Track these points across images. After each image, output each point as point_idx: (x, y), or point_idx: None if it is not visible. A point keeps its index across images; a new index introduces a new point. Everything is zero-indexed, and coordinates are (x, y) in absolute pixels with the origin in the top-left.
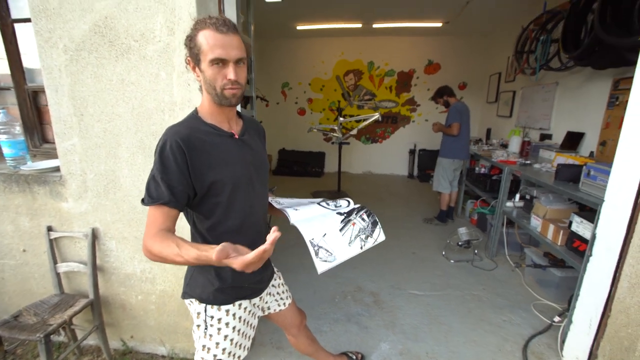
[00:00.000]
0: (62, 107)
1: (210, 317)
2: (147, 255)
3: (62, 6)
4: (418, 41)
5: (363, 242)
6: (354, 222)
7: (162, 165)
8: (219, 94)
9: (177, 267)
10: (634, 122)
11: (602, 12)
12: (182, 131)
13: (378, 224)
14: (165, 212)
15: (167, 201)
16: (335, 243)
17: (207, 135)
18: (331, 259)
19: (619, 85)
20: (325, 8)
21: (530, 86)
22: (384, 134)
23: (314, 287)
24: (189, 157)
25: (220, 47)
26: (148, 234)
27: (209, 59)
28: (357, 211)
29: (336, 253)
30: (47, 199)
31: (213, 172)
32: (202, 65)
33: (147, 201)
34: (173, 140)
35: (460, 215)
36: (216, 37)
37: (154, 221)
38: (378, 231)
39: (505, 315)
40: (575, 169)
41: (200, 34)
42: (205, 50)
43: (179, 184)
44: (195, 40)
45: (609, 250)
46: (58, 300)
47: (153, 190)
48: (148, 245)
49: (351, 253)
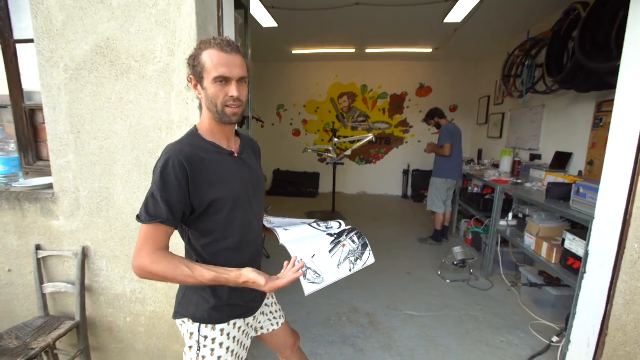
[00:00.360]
0: (59, 124)
1: (204, 337)
2: (140, 273)
3: (66, 28)
4: (410, 65)
5: (352, 264)
6: (344, 243)
7: (162, 183)
8: (220, 111)
9: (168, 286)
10: (617, 143)
11: (582, 40)
12: (184, 149)
13: (368, 246)
14: (162, 230)
15: (166, 219)
16: (324, 264)
17: (208, 153)
18: (319, 281)
19: (602, 108)
20: (319, 34)
21: (519, 109)
22: (377, 155)
23: (308, 308)
24: (191, 175)
25: (224, 66)
26: (143, 251)
27: (213, 76)
28: (347, 233)
29: (324, 275)
30: (37, 217)
31: (214, 190)
32: (205, 82)
33: (144, 219)
34: (176, 159)
35: (455, 235)
36: (220, 56)
37: (150, 239)
38: (368, 254)
39: (504, 336)
40: (565, 187)
41: (204, 53)
42: (209, 68)
43: (178, 202)
44: (200, 59)
45: (602, 267)
46: (42, 323)
47: (151, 208)
48: (145, 264)
49: (340, 275)
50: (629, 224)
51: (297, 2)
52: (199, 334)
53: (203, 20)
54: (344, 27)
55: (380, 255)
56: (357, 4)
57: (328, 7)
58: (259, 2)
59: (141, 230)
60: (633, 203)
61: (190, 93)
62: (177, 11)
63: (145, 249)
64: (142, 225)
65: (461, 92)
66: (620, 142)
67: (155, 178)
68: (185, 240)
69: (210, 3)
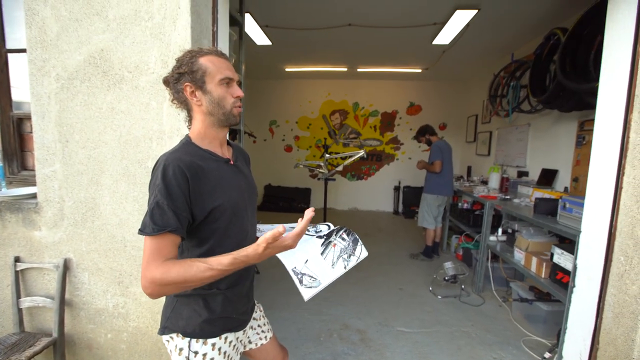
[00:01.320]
0: (47, 133)
1: (194, 353)
2: (153, 289)
3: (60, 38)
4: (400, 84)
5: (346, 261)
6: (335, 243)
7: (167, 191)
8: (228, 112)
9: (152, 301)
10: (599, 159)
11: (562, 62)
12: (183, 157)
13: (359, 241)
14: (171, 240)
15: (175, 228)
16: (318, 267)
17: (205, 161)
18: (316, 284)
19: (584, 126)
20: (312, 53)
21: (505, 127)
22: (369, 171)
23: (298, 325)
24: (192, 184)
25: (227, 69)
26: (151, 266)
27: (219, 78)
28: (336, 232)
29: (320, 277)
30: (18, 227)
31: (213, 198)
32: (209, 86)
33: (151, 230)
34: (176, 166)
35: (446, 251)
36: (220, 60)
37: (159, 250)
38: (360, 248)
39: (496, 353)
40: (552, 202)
41: (201, 59)
42: (213, 71)
43: (183, 211)
44: (197, 64)
45: (591, 280)
46: (16, 340)
47: (158, 218)
48: (156, 276)
49: (335, 275)
50: (614, 237)
51: (291, 21)
52: (189, 350)
53: (198, 35)
54: (337, 46)
55: (371, 271)
56: (349, 25)
57: (321, 27)
58: (253, 21)
59: (146, 244)
60: (617, 216)
61: None
62: (173, 25)
63: (153, 263)
64: (147, 239)
65: (450, 110)
66: (602, 158)
67: (158, 187)
68: (178, 252)
69: (206, 18)
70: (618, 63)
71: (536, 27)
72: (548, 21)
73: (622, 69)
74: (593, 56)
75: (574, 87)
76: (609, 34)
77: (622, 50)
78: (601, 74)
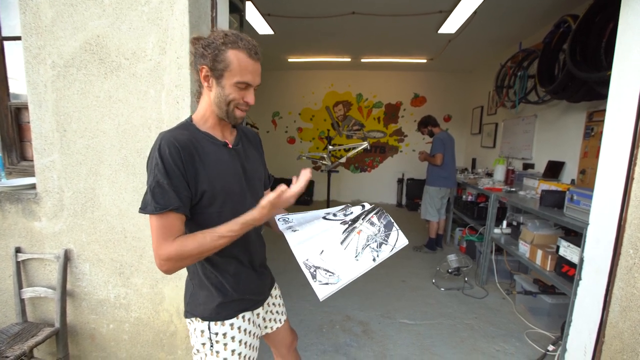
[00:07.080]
0: (45, 122)
1: (214, 334)
2: (170, 265)
3: (55, 24)
4: (404, 75)
5: (375, 251)
6: (360, 229)
7: (165, 170)
8: (230, 111)
9: (154, 293)
10: (610, 149)
11: (572, 51)
12: (178, 136)
13: (394, 225)
14: (177, 218)
15: (177, 206)
16: (338, 259)
17: (201, 142)
18: (334, 280)
19: (593, 117)
20: (315, 42)
21: (511, 118)
22: (372, 164)
23: (300, 316)
24: (186, 163)
25: (251, 73)
26: (164, 244)
27: (237, 80)
28: (364, 215)
29: (340, 272)
30: (18, 218)
31: (206, 181)
32: (224, 81)
33: (153, 208)
34: (171, 144)
35: (449, 244)
36: (248, 62)
37: (168, 228)
38: (395, 234)
39: (499, 345)
40: (559, 194)
41: (232, 52)
42: (235, 70)
43: (184, 189)
44: (224, 56)
45: (598, 273)
46: (19, 330)
47: (160, 197)
48: (172, 251)
49: (360, 269)
50: (624, 229)
51: (293, 10)
52: (210, 332)
53: (196, 20)
54: (340, 36)
55: None
56: (353, 13)
57: (324, 15)
58: (254, 9)
59: (153, 224)
60: (627, 209)
61: (181, 92)
62: (170, 9)
63: (165, 240)
64: (153, 219)
65: (455, 102)
66: (613, 148)
67: (156, 166)
68: None
69: (204, 3)
70: (632, 50)
71: (545, 14)
72: (558, 8)
73: (636, 57)
74: (605, 44)
75: (585, 76)
76: (623, 21)
77: (637, 37)
78: (614, 62)
